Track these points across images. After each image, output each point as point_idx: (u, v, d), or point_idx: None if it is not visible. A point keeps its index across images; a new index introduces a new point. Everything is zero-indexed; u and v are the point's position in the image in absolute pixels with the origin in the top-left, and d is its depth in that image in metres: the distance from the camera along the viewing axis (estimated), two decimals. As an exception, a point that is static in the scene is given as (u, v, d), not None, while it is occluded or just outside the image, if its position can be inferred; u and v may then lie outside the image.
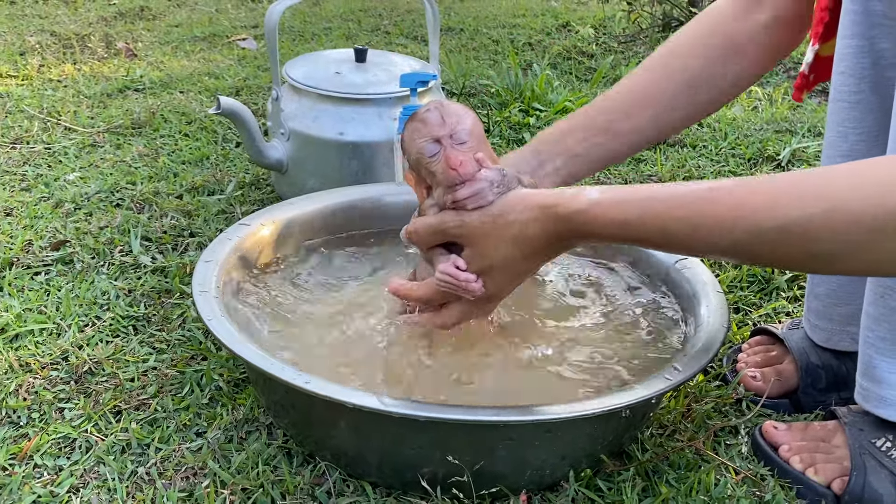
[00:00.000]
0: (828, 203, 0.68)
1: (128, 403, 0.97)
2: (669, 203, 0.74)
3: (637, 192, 0.77)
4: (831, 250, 0.69)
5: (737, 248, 0.73)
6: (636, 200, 0.75)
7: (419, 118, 0.85)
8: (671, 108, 0.98)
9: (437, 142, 0.82)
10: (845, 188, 0.68)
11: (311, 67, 1.41)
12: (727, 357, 1.09)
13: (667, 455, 0.91)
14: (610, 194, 0.77)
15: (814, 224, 0.68)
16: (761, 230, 0.70)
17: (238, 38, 2.55)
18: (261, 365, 0.80)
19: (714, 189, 0.73)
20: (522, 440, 0.79)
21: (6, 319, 1.10)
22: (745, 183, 0.73)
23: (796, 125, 1.85)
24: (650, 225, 0.75)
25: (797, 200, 0.69)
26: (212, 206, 1.43)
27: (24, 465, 0.87)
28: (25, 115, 1.82)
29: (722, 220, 0.71)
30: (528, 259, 0.82)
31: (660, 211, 0.74)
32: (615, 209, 0.76)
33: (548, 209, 0.78)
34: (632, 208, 0.75)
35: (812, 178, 0.72)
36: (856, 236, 0.67)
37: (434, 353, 0.94)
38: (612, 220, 0.76)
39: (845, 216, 0.67)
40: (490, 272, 0.83)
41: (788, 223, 0.69)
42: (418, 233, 0.86)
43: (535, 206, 0.78)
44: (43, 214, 1.39)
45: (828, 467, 0.87)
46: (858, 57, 0.85)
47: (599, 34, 2.66)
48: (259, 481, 0.85)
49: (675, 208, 0.73)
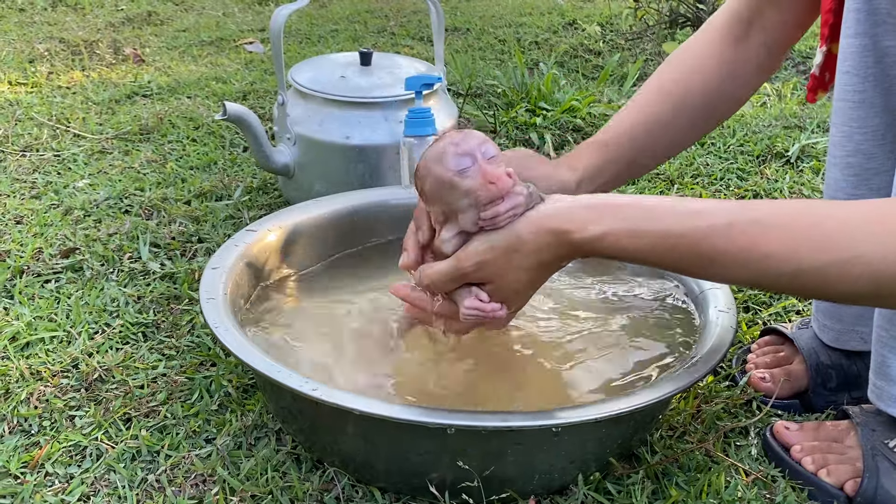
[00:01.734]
0: (846, 254, 0.69)
1: (137, 410, 0.98)
2: (685, 237, 0.73)
3: (652, 218, 0.75)
4: (843, 292, 0.71)
5: (751, 283, 0.77)
6: (651, 232, 0.74)
7: (444, 142, 0.81)
8: (681, 136, 1.02)
9: (469, 157, 0.79)
10: (866, 240, 0.69)
11: (316, 72, 1.41)
12: (736, 357, 1.08)
13: (676, 457, 0.90)
14: (624, 222, 0.75)
15: (830, 274, 0.69)
16: (776, 273, 0.71)
17: (245, 41, 2.56)
18: (268, 372, 0.80)
19: (733, 225, 0.72)
20: (531, 445, 0.79)
21: (17, 328, 1.10)
22: (760, 220, 0.72)
23: (805, 121, 1.84)
24: (664, 256, 0.75)
25: (814, 250, 0.70)
26: (220, 211, 1.43)
27: (35, 474, 0.88)
28: (35, 123, 1.83)
29: (736, 258, 0.72)
30: (545, 276, 0.83)
31: (674, 245, 0.74)
32: (629, 240, 0.75)
33: (560, 235, 0.77)
34: (646, 239, 0.74)
35: (830, 224, 0.71)
36: (870, 285, 0.69)
37: (441, 356, 0.94)
38: (624, 249, 0.76)
39: (862, 268, 0.68)
40: (513, 298, 0.83)
41: (803, 269, 0.70)
42: (435, 283, 0.83)
43: (548, 231, 0.77)
44: (53, 222, 1.40)
45: (840, 468, 0.86)
46: (862, 55, 0.84)
47: (606, 32, 2.65)
48: (268, 488, 0.85)
49: (691, 244, 0.73)
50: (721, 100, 1.00)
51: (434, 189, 0.80)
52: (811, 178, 1.58)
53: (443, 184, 0.79)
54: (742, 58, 0.98)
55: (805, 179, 1.57)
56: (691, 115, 0.99)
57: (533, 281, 0.82)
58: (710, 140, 1.75)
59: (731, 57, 0.98)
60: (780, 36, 0.96)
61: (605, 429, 0.82)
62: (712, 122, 1.04)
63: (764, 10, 0.96)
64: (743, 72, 0.99)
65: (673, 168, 1.62)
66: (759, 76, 1.01)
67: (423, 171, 0.81)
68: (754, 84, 1.02)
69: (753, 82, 1.01)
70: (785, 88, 2.08)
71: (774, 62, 1.01)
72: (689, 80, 0.99)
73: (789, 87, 2.10)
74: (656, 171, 1.62)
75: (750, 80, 1.00)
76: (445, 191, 0.79)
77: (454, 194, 0.79)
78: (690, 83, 0.99)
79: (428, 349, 0.94)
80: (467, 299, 0.82)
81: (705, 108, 1.00)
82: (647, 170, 1.07)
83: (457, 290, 0.83)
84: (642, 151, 0.98)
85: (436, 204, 0.81)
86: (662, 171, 1.62)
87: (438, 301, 0.86)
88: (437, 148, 0.81)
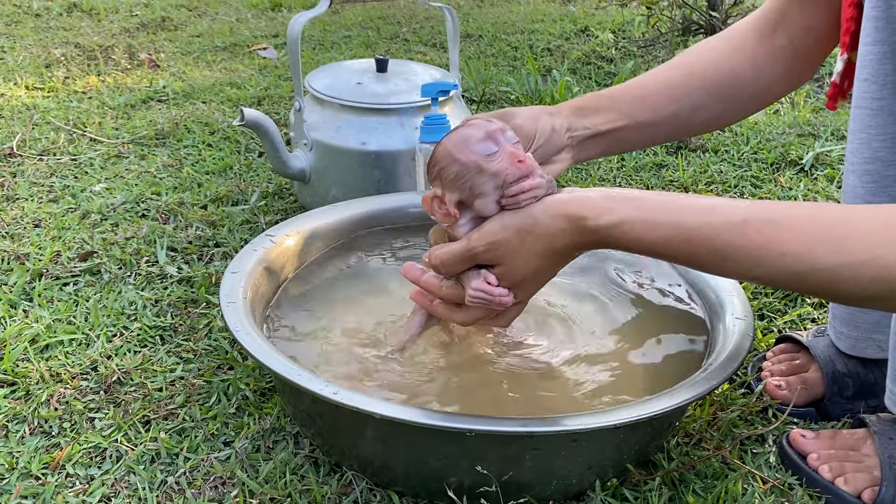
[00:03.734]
0: (861, 256, 0.69)
1: (156, 413, 0.98)
2: (700, 231, 0.74)
3: (668, 211, 0.76)
4: (854, 294, 0.71)
5: (763, 280, 0.76)
6: (666, 224, 0.75)
7: (465, 130, 0.83)
8: (691, 109, 0.98)
9: (494, 141, 0.81)
10: (882, 243, 0.69)
11: (333, 78, 1.42)
12: (752, 365, 1.08)
13: (693, 464, 0.90)
14: (639, 212, 0.76)
15: (843, 275, 0.70)
16: (790, 272, 0.72)
17: (259, 47, 2.58)
18: (289, 375, 0.80)
19: (748, 222, 0.73)
20: (549, 450, 0.80)
21: (37, 330, 1.11)
22: (775, 220, 0.73)
23: (819, 129, 1.84)
24: (678, 249, 0.75)
25: (830, 251, 0.70)
26: (236, 216, 1.44)
27: (56, 475, 0.89)
28: (52, 127, 1.85)
29: (749, 254, 0.72)
30: (556, 266, 0.83)
31: (688, 237, 0.74)
32: (644, 229, 0.75)
33: (576, 221, 0.78)
34: (661, 231, 0.75)
35: (847, 226, 0.71)
36: (883, 288, 0.69)
37: (457, 362, 0.94)
38: (639, 239, 0.76)
39: (877, 271, 0.69)
40: (521, 285, 0.83)
41: (817, 269, 0.70)
42: (445, 263, 0.84)
43: (562, 216, 0.78)
44: (70, 226, 1.41)
45: (858, 477, 0.86)
46: (881, 63, 0.84)
47: (619, 39, 2.65)
48: (287, 491, 0.86)
49: (706, 238, 0.74)
50: (737, 84, 0.98)
51: (458, 174, 0.82)
52: (825, 185, 1.58)
53: (470, 168, 0.81)
54: (767, 51, 0.97)
55: (819, 187, 1.57)
56: (703, 85, 0.97)
57: (541, 270, 0.82)
58: (724, 147, 1.75)
59: (754, 49, 0.97)
60: (807, 41, 0.96)
61: (622, 435, 0.82)
62: (721, 108, 1.00)
63: (788, 15, 0.96)
64: (767, 66, 0.98)
65: (687, 175, 1.62)
66: (788, 79, 1.00)
67: (446, 158, 0.83)
68: (781, 84, 1.00)
69: (779, 82, 1.00)
70: (798, 96, 2.08)
71: (805, 69, 0.99)
72: (709, 55, 0.98)
73: (802, 95, 2.10)
74: (670, 177, 1.63)
75: (774, 78, 0.99)
76: (472, 175, 0.81)
77: (480, 178, 0.80)
78: (710, 57, 0.98)
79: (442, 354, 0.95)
80: (475, 280, 0.82)
81: (720, 87, 0.97)
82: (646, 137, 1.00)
83: (466, 273, 0.84)
84: (643, 107, 0.96)
85: (456, 190, 0.82)
86: (676, 178, 1.62)
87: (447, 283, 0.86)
88: (459, 136, 0.83)
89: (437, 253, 0.85)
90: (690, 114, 0.98)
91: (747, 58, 0.97)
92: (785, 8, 0.96)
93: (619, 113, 0.95)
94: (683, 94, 0.97)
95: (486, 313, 0.87)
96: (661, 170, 1.67)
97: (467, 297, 0.83)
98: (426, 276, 0.89)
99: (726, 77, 0.98)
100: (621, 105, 0.95)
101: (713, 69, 0.97)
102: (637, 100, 0.96)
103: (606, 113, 0.95)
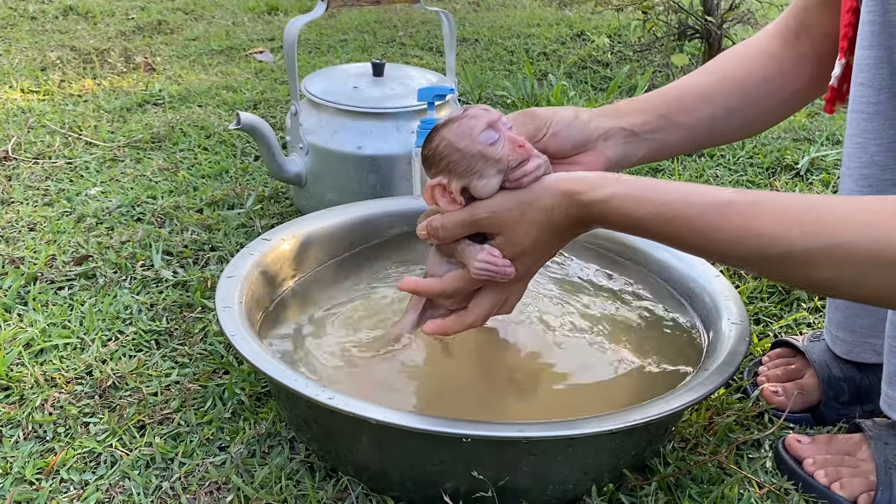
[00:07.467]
0: (833, 239, 0.69)
1: (151, 418, 0.98)
2: (685, 210, 0.75)
3: (657, 190, 0.78)
4: (826, 278, 0.71)
5: (743, 263, 0.78)
6: (654, 201, 0.77)
7: (463, 121, 0.85)
8: (725, 112, 0.98)
9: (494, 129, 0.84)
10: (853, 227, 0.69)
11: (329, 82, 1.42)
12: (748, 370, 1.08)
13: (689, 469, 0.90)
14: (630, 189, 0.78)
15: (816, 258, 0.70)
16: (766, 253, 0.72)
17: (255, 51, 2.57)
18: (284, 381, 0.80)
19: (732, 203, 0.74)
20: (545, 455, 0.80)
21: (31, 334, 1.11)
22: (759, 202, 0.74)
23: (815, 133, 1.84)
24: (664, 226, 0.77)
25: (805, 233, 0.71)
26: (232, 219, 1.44)
27: (50, 480, 0.88)
28: (47, 130, 1.85)
29: (730, 235, 0.73)
30: (553, 241, 0.85)
31: (674, 216, 0.76)
32: (632, 205, 0.77)
33: (571, 196, 0.80)
34: (648, 207, 0.77)
35: (823, 210, 0.72)
36: (852, 272, 0.69)
37: (452, 366, 0.94)
38: (627, 214, 0.78)
39: (846, 254, 0.69)
40: (521, 257, 0.85)
41: (793, 252, 0.71)
42: (446, 227, 0.86)
43: (560, 192, 0.81)
44: (65, 229, 1.41)
45: (854, 482, 0.86)
46: (877, 67, 0.85)
47: (615, 43, 2.66)
48: (282, 496, 0.86)
49: (690, 217, 0.75)
50: (768, 90, 0.99)
51: (460, 163, 0.84)
52: (821, 190, 1.58)
53: (473, 157, 0.83)
54: (791, 56, 0.98)
55: (815, 192, 1.58)
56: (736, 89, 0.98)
57: (540, 242, 0.84)
58: (720, 152, 1.76)
59: (779, 53, 0.98)
60: (828, 47, 0.96)
61: (619, 440, 0.82)
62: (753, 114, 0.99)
63: (808, 22, 0.97)
64: (792, 73, 0.98)
65: (683, 180, 1.62)
66: (813, 85, 0.99)
67: (447, 148, 0.85)
68: (807, 90, 1.00)
69: (805, 88, 0.99)
70: (793, 101, 2.09)
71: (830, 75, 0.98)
72: (741, 60, 0.99)
73: (798, 99, 2.10)
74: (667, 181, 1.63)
75: (801, 84, 0.99)
76: (474, 162, 0.83)
77: (485, 165, 0.83)
78: (742, 62, 0.99)
79: (438, 359, 0.95)
80: (480, 254, 0.84)
81: (752, 93, 0.98)
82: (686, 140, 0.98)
83: (465, 247, 0.86)
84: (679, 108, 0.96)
85: (461, 177, 0.84)
86: (672, 182, 1.62)
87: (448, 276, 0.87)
88: (458, 126, 0.85)
89: (438, 219, 0.87)
90: (725, 117, 0.99)
91: (776, 64, 0.98)
92: (803, 15, 0.97)
93: (656, 114, 0.95)
94: (718, 96, 0.98)
95: (493, 304, 0.88)
96: (657, 174, 1.67)
97: (473, 270, 0.85)
98: (423, 283, 0.89)
99: (758, 82, 0.99)
100: (658, 106, 0.96)
101: (744, 74, 0.98)
102: (673, 100, 0.97)
103: (642, 113, 0.95)
